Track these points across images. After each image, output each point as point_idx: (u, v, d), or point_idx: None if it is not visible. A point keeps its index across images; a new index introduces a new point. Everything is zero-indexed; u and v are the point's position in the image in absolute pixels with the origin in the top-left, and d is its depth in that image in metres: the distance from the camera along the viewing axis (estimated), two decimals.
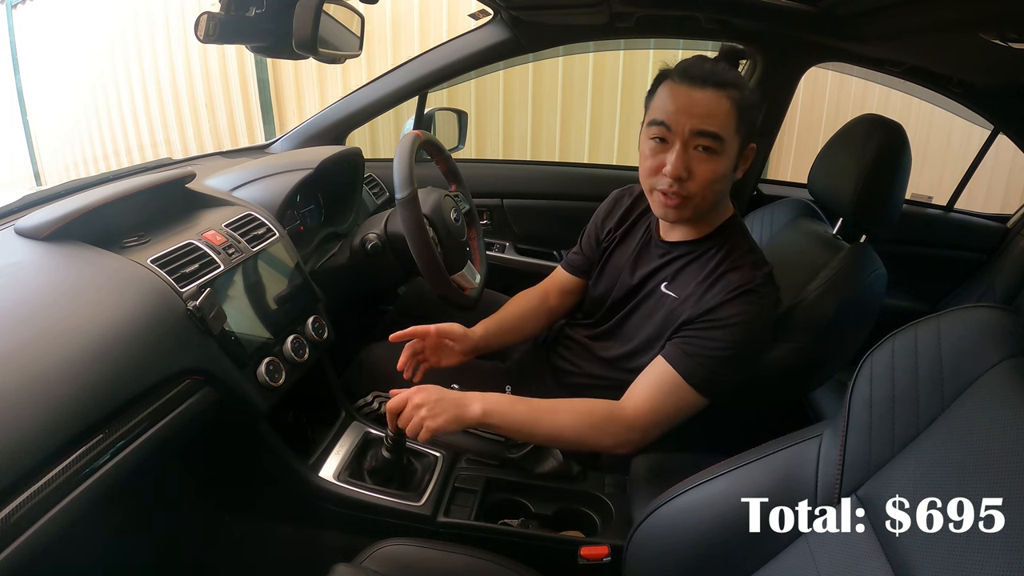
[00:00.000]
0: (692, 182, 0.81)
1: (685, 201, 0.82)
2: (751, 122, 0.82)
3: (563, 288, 1.10)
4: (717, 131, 0.79)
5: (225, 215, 0.93)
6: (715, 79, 0.79)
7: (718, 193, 0.84)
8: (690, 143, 0.80)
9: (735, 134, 0.80)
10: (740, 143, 0.82)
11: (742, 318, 0.81)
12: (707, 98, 0.78)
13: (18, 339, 0.60)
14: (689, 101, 0.79)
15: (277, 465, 0.89)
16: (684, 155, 0.80)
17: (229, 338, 0.79)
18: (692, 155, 0.80)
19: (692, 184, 0.81)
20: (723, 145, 0.79)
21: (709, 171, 0.80)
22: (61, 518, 0.55)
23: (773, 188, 1.71)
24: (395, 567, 0.72)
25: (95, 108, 4.14)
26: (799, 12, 1.12)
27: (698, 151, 0.80)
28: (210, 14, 0.89)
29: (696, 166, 0.80)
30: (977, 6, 0.80)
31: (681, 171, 0.80)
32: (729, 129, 0.79)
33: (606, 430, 0.82)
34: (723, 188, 0.84)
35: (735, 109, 0.79)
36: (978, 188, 2.52)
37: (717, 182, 0.82)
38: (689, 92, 0.79)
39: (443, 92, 2.94)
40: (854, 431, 0.54)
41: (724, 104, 0.79)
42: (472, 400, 0.80)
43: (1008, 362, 0.47)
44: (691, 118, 0.79)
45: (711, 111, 0.78)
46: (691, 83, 0.79)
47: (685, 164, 0.80)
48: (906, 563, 0.45)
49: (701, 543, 0.61)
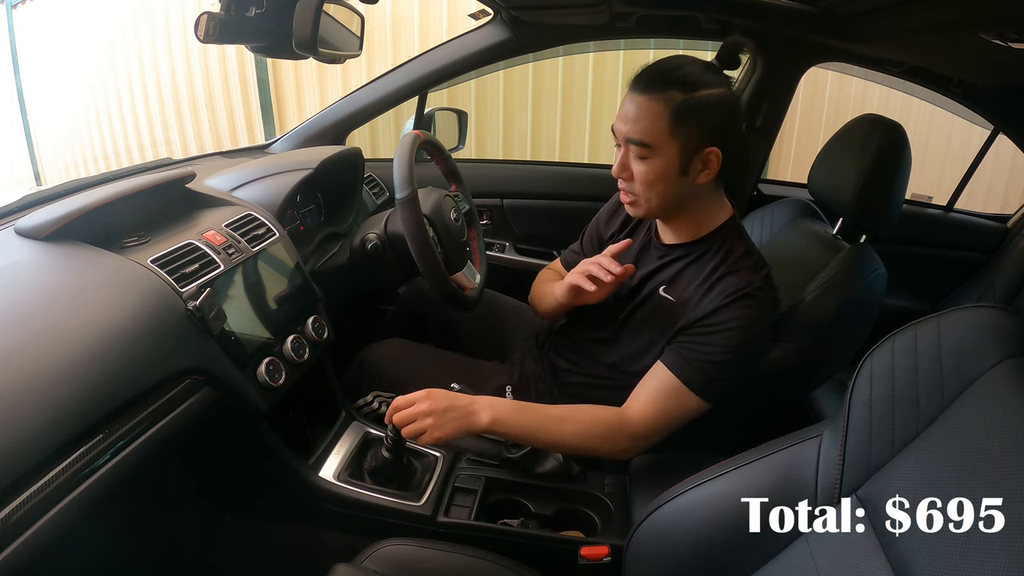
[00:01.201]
0: (634, 182, 0.85)
1: (635, 199, 0.87)
2: (701, 125, 0.79)
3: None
4: (640, 138, 0.81)
5: (225, 215, 0.93)
6: (654, 83, 0.80)
7: (664, 195, 0.84)
8: (628, 148, 0.83)
9: (669, 138, 0.80)
10: (681, 146, 0.80)
11: (739, 322, 0.81)
12: (639, 104, 0.80)
13: (18, 339, 0.60)
14: (625, 108, 0.82)
15: (277, 465, 0.89)
16: (624, 157, 0.84)
17: (229, 338, 0.79)
18: (632, 158, 0.84)
19: (635, 184, 0.85)
20: (651, 151, 0.81)
21: (642, 173, 0.83)
22: (61, 518, 0.55)
23: (773, 188, 1.71)
24: (395, 567, 0.72)
25: (95, 108, 4.14)
26: (799, 12, 1.12)
27: (634, 155, 0.83)
28: (210, 14, 0.88)
29: (633, 167, 0.84)
30: (977, 6, 0.80)
31: (619, 171, 0.85)
32: (659, 134, 0.80)
33: (611, 439, 0.84)
34: (668, 190, 0.84)
35: (669, 113, 0.78)
36: (978, 188, 2.52)
37: (655, 184, 0.83)
38: (628, 99, 0.82)
39: (443, 92, 2.93)
40: (854, 431, 0.54)
41: (655, 108, 0.79)
42: (480, 410, 0.81)
43: (1008, 362, 0.47)
44: (623, 124, 0.82)
45: (638, 117, 0.80)
46: (631, 89, 0.82)
47: (623, 165, 0.85)
48: (906, 563, 0.45)
49: (701, 543, 0.61)
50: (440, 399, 0.80)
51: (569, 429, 0.83)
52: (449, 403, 0.80)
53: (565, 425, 0.83)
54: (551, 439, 0.84)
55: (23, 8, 4.09)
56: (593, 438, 0.84)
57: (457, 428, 0.80)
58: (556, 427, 0.83)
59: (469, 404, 0.81)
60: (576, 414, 0.85)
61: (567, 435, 0.83)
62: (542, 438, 0.84)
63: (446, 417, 0.79)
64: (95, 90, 4.06)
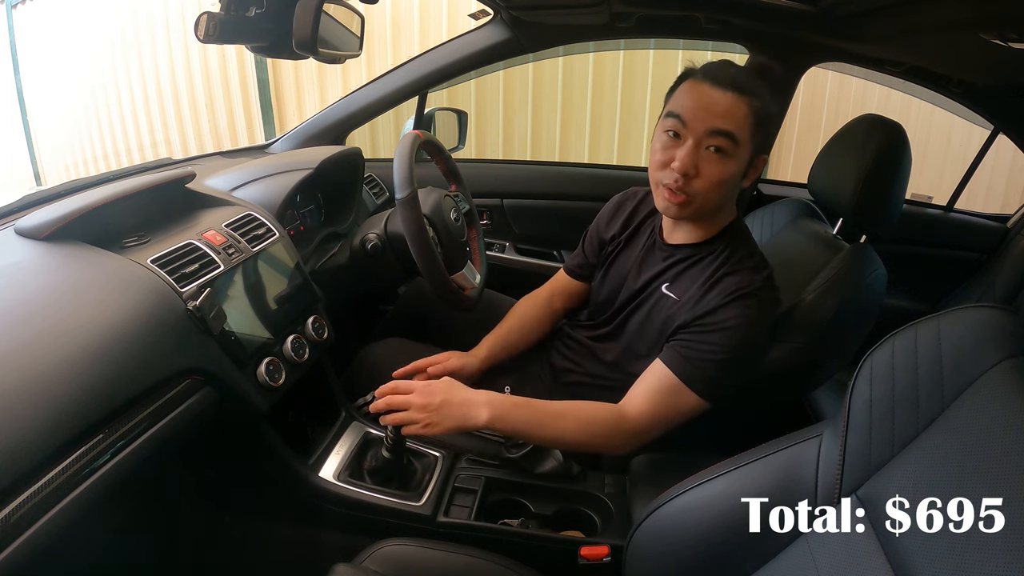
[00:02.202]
0: (699, 180, 0.81)
1: (689, 199, 0.82)
2: (766, 132, 0.82)
3: (567, 291, 1.12)
4: (732, 131, 0.79)
5: (225, 215, 0.93)
6: (738, 83, 0.79)
7: (722, 196, 0.84)
8: (703, 142, 0.80)
9: (749, 140, 0.80)
10: (752, 151, 0.82)
11: (738, 322, 0.81)
12: (727, 100, 0.79)
13: (18, 339, 0.60)
14: (709, 100, 0.79)
15: (277, 465, 0.89)
16: (695, 152, 0.80)
17: (229, 338, 0.79)
18: (703, 154, 0.80)
19: (698, 182, 0.81)
20: (736, 147, 0.79)
21: (717, 172, 0.80)
22: (61, 518, 0.55)
23: (773, 188, 1.71)
24: (395, 567, 0.72)
25: (95, 108, 4.14)
26: (799, 12, 1.12)
27: (709, 151, 0.80)
28: (210, 14, 0.88)
29: (705, 166, 0.80)
30: (977, 6, 0.80)
31: (689, 167, 0.80)
32: (744, 133, 0.79)
33: (608, 435, 0.84)
34: (728, 192, 0.84)
35: (753, 116, 0.79)
36: (978, 188, 2.52)
37: (723, 184, 0.81)
38: (710, 91, 0.79)
39: (443, 92, 2.93)
40: (854, 431, 0.54)
41: (743, 108, 0.79)
42: (478, 405, 0.80)
43: (1008, 362, 0.47)
44: (708, 116, 0.79)
45: (729, 112, 0.79)
46: (713, 83, 0.79)
47: (694, 161, 0.80)
48: (906, 563, 0.45)
49: (701, 543, 0.61)
50: (438, 392, 0.79)
51: (567, 425, 0.83)
52: (446, 397, 0.80)
53: (563, 421, 0.83)
54: (550, 435, 0.84)
55: (23, 8, 4.09)
56: (591, 434, 0.84)
57: (453, 425, 0.79)
58: (554, 423, 0.83)
59: (465, 401, 0.80)
60: (574, 410, 0.85)
61: (566, 431, 0.83)
62: (540, 434, 0.84)
63: (441, 413, 0.79)
64: (95, 90, 4.06)
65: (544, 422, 0.83)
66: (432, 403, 0.79)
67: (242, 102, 3.68)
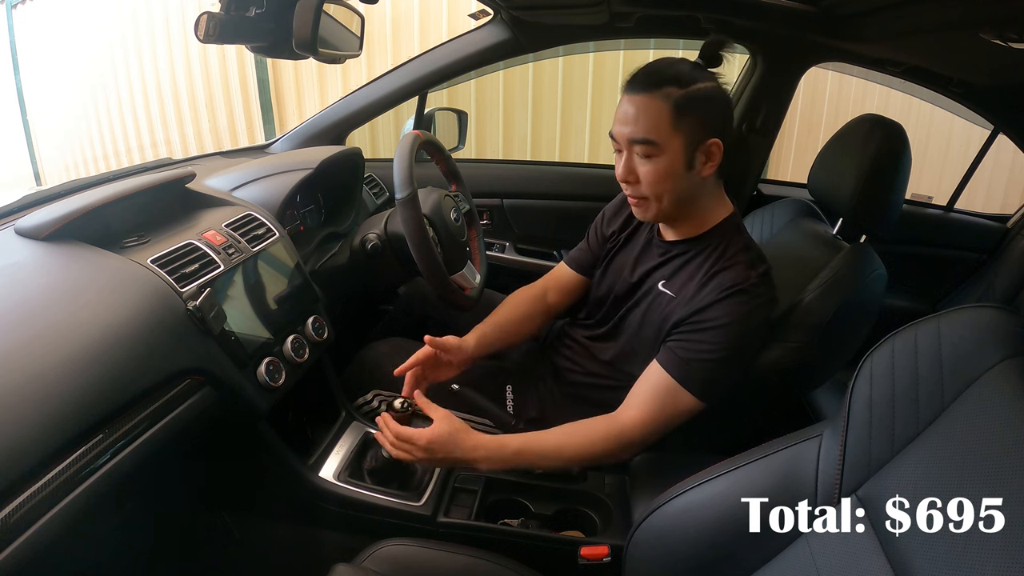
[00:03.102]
0: (640, 184, 0.84)
1: (643, 202, 0.87)
2: (702, 117, 0.81)
3: (563, 285, 1.10)
4: (645, 136, 0.81)
5: (225, 215, 0.93)
6: (650, 82, 0.80)
7: (673, 191, 0.84)
8: (631, 150, 0.83)
9: (673, 132, 0.80)
10: (686, 140, 0.81)
11: (731, 319, 0.81)
12: (638, 104, 0.81)
13: (18, 339, 0.60)
14: (624, 110, 0.82)
15: (277, 465, 0.89)
16: (628, 161, 0.84)
17: (229, 338, 0.79)
18: (635, 160, 0.84)
19: (641, 186, 0.85)
20: (657, 148, 0.81)
21: (650, 173, 0.83)
22: (61, 518, 0.55)
23: (773, 188, 1.71)
24: (395, 567, 0.72)
25: (95, 108, 4.14)
26: (799, 12, 1.12)
27: (639, 157, 0.83)
28: (210, 14, 0.88)
29: (639, 169, 0.84)
30: (977, 6, 0.80)
31: (625, 175, 0.85)
32: (662, 129, 0.80)
33: (607, 452, 0.85)
34: (677, 186, 0.84)
35: (671, 108, 0.79)
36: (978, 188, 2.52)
37: (663, 181, 0.83)
38: (625, 101, 0.82)
39: (443, 92, 2.93)
40: (854, 431, 0.54)
41: (656, 105, 0.80)
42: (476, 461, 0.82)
43: (1008, 362, 0.47)
44: (623, 127, 0.82)
45: (640, 116, 0.80)
46: (627, 90, 0.83)
47: (628, 168, 0.84)
48: (906, 563, 0.45)
49: (701, 543, 0.61)
50: (437, 451, 0.80)
51: (567, 455, 0.84)
52: (446, 455, 0.81)
53: (562, 454, 0.84)
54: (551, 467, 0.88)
55: (23, 8, 4.09)
56: (591, 457, 0.85)
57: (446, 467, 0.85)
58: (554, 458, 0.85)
59: (463, 456, 0.81)
60: (571, 439, 0.85)
61: (567, 461, 0.86)
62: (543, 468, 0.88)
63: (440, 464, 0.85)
64: (95, 90, 4.06)
65: (540, 462, 0.86)
66: (436, 456, 0.81)
67: (242, 102, 3.68)
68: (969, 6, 0.81)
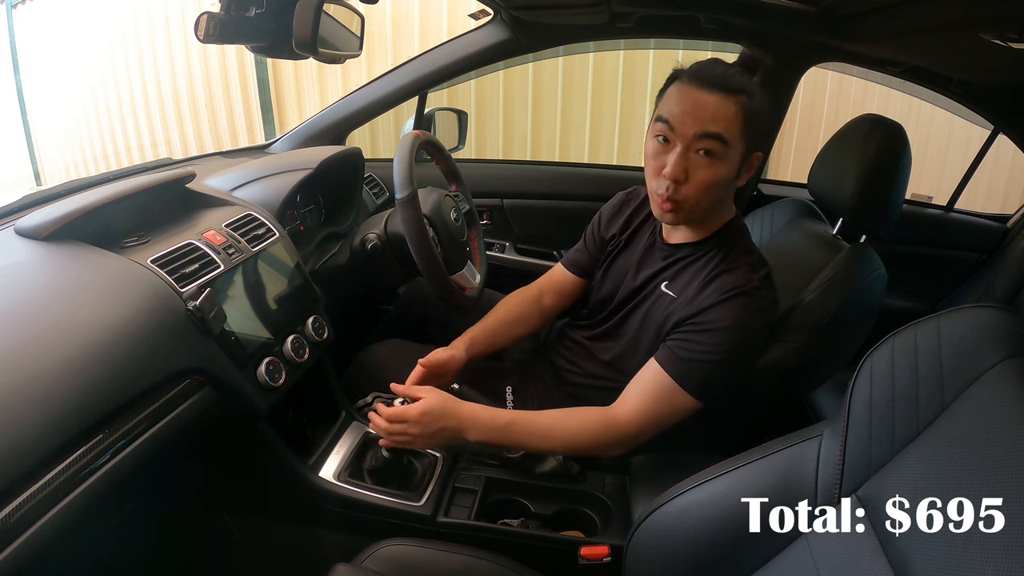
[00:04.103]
0: (688, 186, 0.81)
1: (679, 205, 0.83)
2: (758, 130, 0.81)
3: (560, 288, 1.10)
4: (721, 132, 0.78)
5: (225, 215, 0.93)
6: (724, 83, 0.78)
7: (714, 199, 0.84)
8: (692, 146, 0.80)
9: (739, 139, 0.80)
10: (744, 149, 0.81)
11: (733, 321, 0.80)
12: (714, 101, 0.78)
13: (18, 339, 0.60)
14: (695, 103, 0.79)
15: (277, 465, 0.89)
16: (684, 158, 0.80)
17: (229, 338, 0.79)
18: (692, 159, 0.80)
19: (688, 188, 0.81)
20: (726, 149, 0.79)
21: (708, 175, 0.80)
22: (61, 519, 0.55)
23: (773, 188, 1.71)
24: (395, 567, 0.72)
25: (95, 108, 4.14)
26: (799, 12, 1.12)
27: (699, 155, 0.80)
28: (210, 14, 0.88)
29: (695, 170, 0.80)
30: (977, 6, 0.80)
31: (679, 173, 0.80)
32: (734, 133, 0.79)
33: (599, 443, 0.85)
34: (721, 194, 0.84)
35: (742, 114, 0.79)
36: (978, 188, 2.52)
37: (715, 188, 0.81)
38: (697, 94, 0.79)
39: (443, 92, 2.93)
40: (854, 431, 0.54)
41: (731, 109, 0.78)
42: (467, 431, 0.83)
43: (1008, 362, 0.47)
44: (696, 120, 0.78)
45: (716, 114, 0.78)
46: (699, 85, 0.79)
47: (684, 167, 0.80)
48: (906, 563, 0.45)
49: (701, 543, 0.61)
50: (431, 422, 0.82)
51: (557, 436, 0.85)
52: (440, 425, 0.82)
53: (553, 433, 0.85)
54: (539, 447, 0.86)
55: (23, 8, 4.09)
56: (581, 444, 0.85)
57: (444, 444, 0.84)
58: (543, 437, 0.85)
59: (458, 425, 0.83)
60: (561, 421, 0.85)
61: (554, 443, 0.85)
62: (531, 448, 0.86)
63: (434, 439, 0.83)
64: (95, 90, 4.06)
65: (530, 442, 0.85)
66: (428, 430, 0.82)
67: (242, 102, 3.68)
68: (969, 6, 0.81)
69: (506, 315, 1.08)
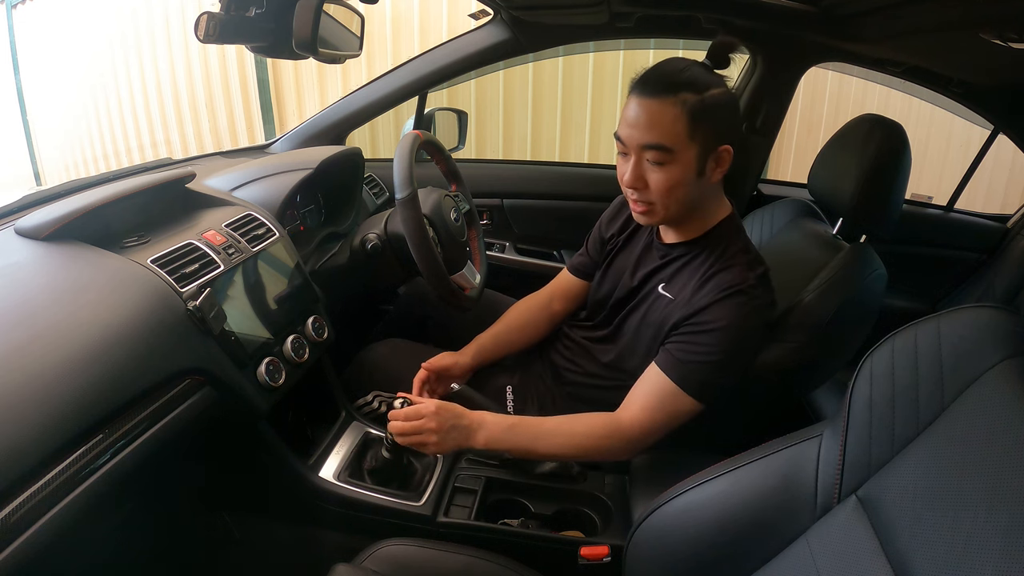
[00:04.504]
0: (649, 191, 0.83)
1: (649, 208, 0.85)
2: (715, 123, 0.79)
3: (568, 293, 1.12)
4: (660, 142, 0.78)
5: (225, 215, 0.93)
6: (664, 85, 0.78)
7: (683, 199, 0.83)
8: (642, 155, 0.81)
9: (688, 140, 0.78)
10: (700, 148, 0.80)
11: (729, 321, 0.80)
12: (653, 108, 0.78)
13: (18, 339, 0.60)
14: (636, 114, 0.80)
15: (277, 465, 0.89)
16: (637, 167, 0.82)
17: (229, 338, 0.79)
18: (646, 166, 0.81)
19: (650, 193, 0.83)
20: (671, 155, 0.79)
21: (662, 180, 0.81)
22: (61, 519, 0.55)
23: (773, 188, 1.71)
24: (395, 567, 0.72)
25: (95, 108, 4.15)
26: (799, 12, 1.12)
27: (649, 163, 0.81)
28: (210, 14, 0.88)
29: (649, 176, 0.82)
30: (977, 6, 0.80)
31: (634, 182, 0.82)
32: (677, 137, 0.78)
33: (605, 448, 0.85)
34: (688, 194, 0.83)
35: (686, 115, 0.77)
36: (978, 188, 2.52)
37: (674, 190, 0.82)
38: (639, 104, 0.79)
39: (443, 92, 2.94)
40: (854, 431, 0.54)
41: (672, 112, 0.77)
42: (476, 431, 0.83)
43: (1008, 362, 0.47)
44: (636, 132, 0.80)
45: (655, 122, 0.78)
46: (641, 93, 0.79)
47: (638, 175, 0.82)
48: (906, 563, 0.45)
49: (701, 543, 0.61)
50: (447, 417, 0.82)
51: (563, 440, 0.85)
52: (454, 423, 0.82)
53: (559, 438, 0.85)
54: (545, 452, 0.86)
55: (23, 8, 4.09)
56: (586, 448, 0.85)
57: (455, 446, 0.83)
58: (547, 440, 0.85)
59: (468, 427, 0.83)
60: (569, 427, 0.85)
61: (560, 447, 0.85)
62: (537, 452, 0.86)
63: (447, 438, 0.82)
64: (95, 90, 4.06)
65: (536, 446, 0.85)
66: (443, 427, 0.82)
67: (242, 102, 3.69)
68: (969, 6, 0.81)
69: (515, 321, 1.10)
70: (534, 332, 1.11)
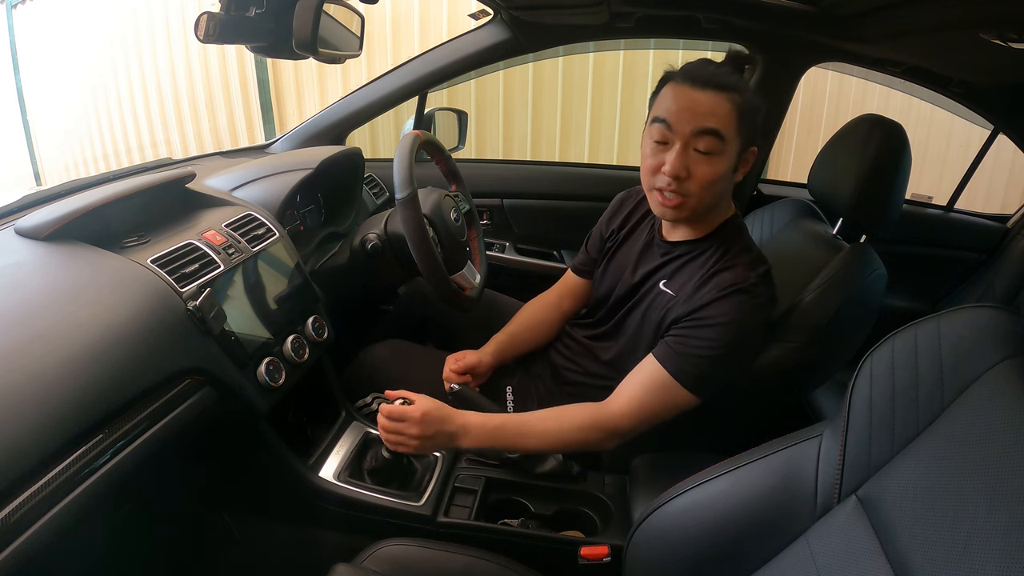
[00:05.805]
0: (691, 182, 0.82)
1: (683, 201, 0.83)
2: (752, 126, 0.82)
3: (575, 291, 1.12)
4: (718, 128, 0.79)
5: (225, 215, 0.93)
6: (717, 81, 0.79)
7: (716, 195, 0.84)
8: (690, 144, 0.80)
9: (736, 136, 0.81)
10: (740, 145, 0.82)
11: (730, 317, 0.81)
12: (708, 99, 0.79)
13: (18, 339, 0.60)
14: (691, 102, 0.79)
15: (277, 465, 0.89)
16: (684, 155, 0.81)
17: (229, 338, 0.79)
18: (692, 156, 0.81)
19: (691, 184, 0.82)
20: (723, 145, 0.80)
21: (708, 172, 0.81)
22: (61, 519, 0.55)
23: (773, 188, 1.71)
24: (395, 567, 0.72)
25: (95, 108, 4.14)
26: (799, 12, 1.12)
27: (697, 152, 0.80)
28: (210, 14, 0.88)
29: (695, 167, 0.81)
30: (977, 6, 0.80)
31: (680, 170, 0.81)
32: (730, 130, 0.80)
33: (591, 435, 0.85)
34: (721, 189, 0.85)
35: (736, 112, 0.79)
36: (978, 188, 2.52)
37: (716, 183, 0.82)
38: (692, 93, 0.80)
39: (443, 92, 2.94)
40: (854, 431, 0.54)
41: (725, 106, 0.79)
42: (461, 436, 0.84)
43: (1008, 362, 0.47)
44: (693, 117, 0.79)
45: (712, 111, 0.79)
46: (693, 84, 0.80)
47: (684, 164, 0.81)
48: (906, 563, 0.45)
49: (701, 543, 0.61)
50: (431, 424, 0.82)
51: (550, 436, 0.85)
52: (437, 428, 0.83)
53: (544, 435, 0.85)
54: (533, 448, 0.87)
55: (23, 8, 4.09)
56: (574, 441, 0.85)
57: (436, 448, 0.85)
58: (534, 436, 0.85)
59: (454, 432, 0.83)
60: (555, 421, 0.85)
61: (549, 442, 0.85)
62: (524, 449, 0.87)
63: (431, 443, 0.83)
64: (95, 90, 4.06)
65: (522, 440, 0.85)
66: (427, 433, 0.82)
67: (242, 102, 3.68)
68: (969, 6, 0.81)
69: (529, 320, 1.11)
70: (547, 331, 1.12)
